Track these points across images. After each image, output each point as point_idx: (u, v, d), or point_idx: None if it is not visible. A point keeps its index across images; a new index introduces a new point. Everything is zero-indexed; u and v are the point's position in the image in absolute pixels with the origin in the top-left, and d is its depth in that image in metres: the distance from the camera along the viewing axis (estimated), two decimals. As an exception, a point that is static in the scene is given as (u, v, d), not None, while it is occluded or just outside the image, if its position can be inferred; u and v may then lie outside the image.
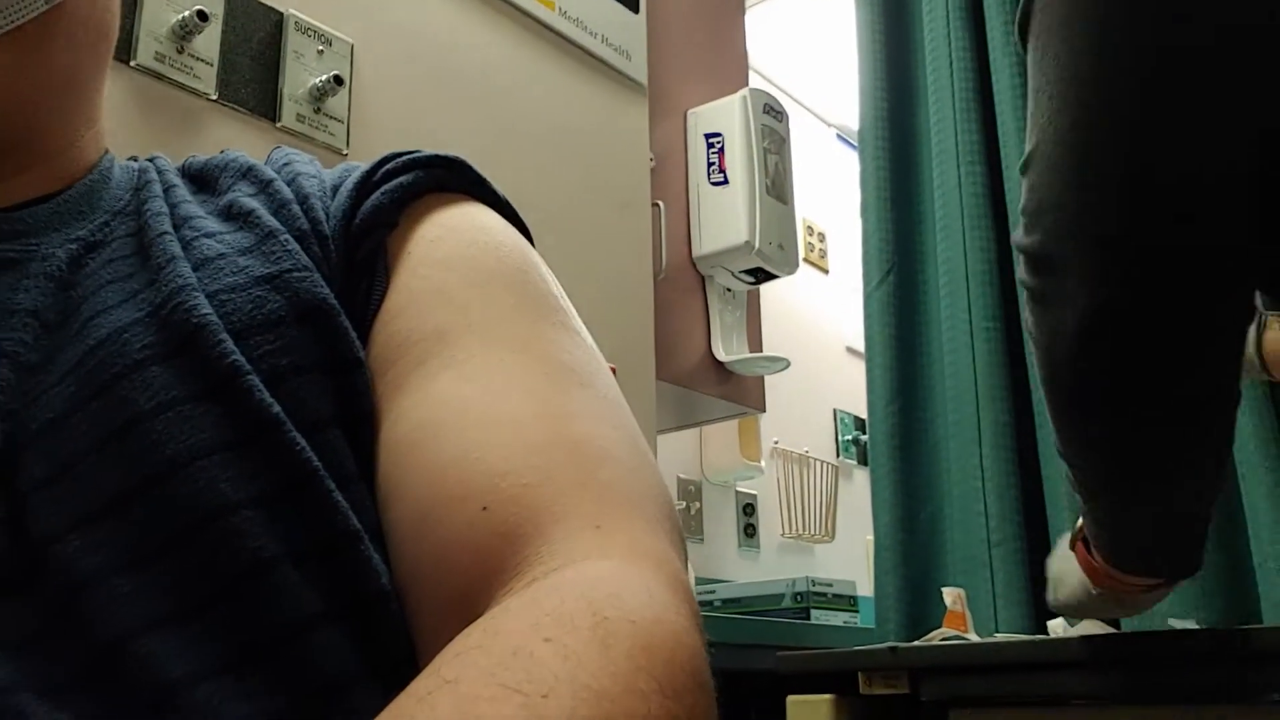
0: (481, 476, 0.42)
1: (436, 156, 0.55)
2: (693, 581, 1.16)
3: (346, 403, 0.46)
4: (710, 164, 2.08)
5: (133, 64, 1.11)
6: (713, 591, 2.07)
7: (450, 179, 0.55)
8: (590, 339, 0.53)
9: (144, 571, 0.38)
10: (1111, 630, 1.31)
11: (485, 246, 0.52)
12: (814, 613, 1.75)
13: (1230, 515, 1.46)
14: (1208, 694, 0.91)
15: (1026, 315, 0.72)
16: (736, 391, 2.16)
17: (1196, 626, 1.32)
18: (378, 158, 0.55)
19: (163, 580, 0.38)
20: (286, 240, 0.48)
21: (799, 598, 1.78)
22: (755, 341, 2.20)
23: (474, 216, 0.54)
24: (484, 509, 0.41)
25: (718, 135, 2.08)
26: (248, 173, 0.54)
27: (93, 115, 0.56)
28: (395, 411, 0.46)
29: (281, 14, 1.23)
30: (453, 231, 0.52)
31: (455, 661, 0.32)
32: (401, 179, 0.53)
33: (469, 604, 0.39)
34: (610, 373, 0.52)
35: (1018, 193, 1.71)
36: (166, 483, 0.39)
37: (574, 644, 0.32)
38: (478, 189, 0.56)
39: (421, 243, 0.51)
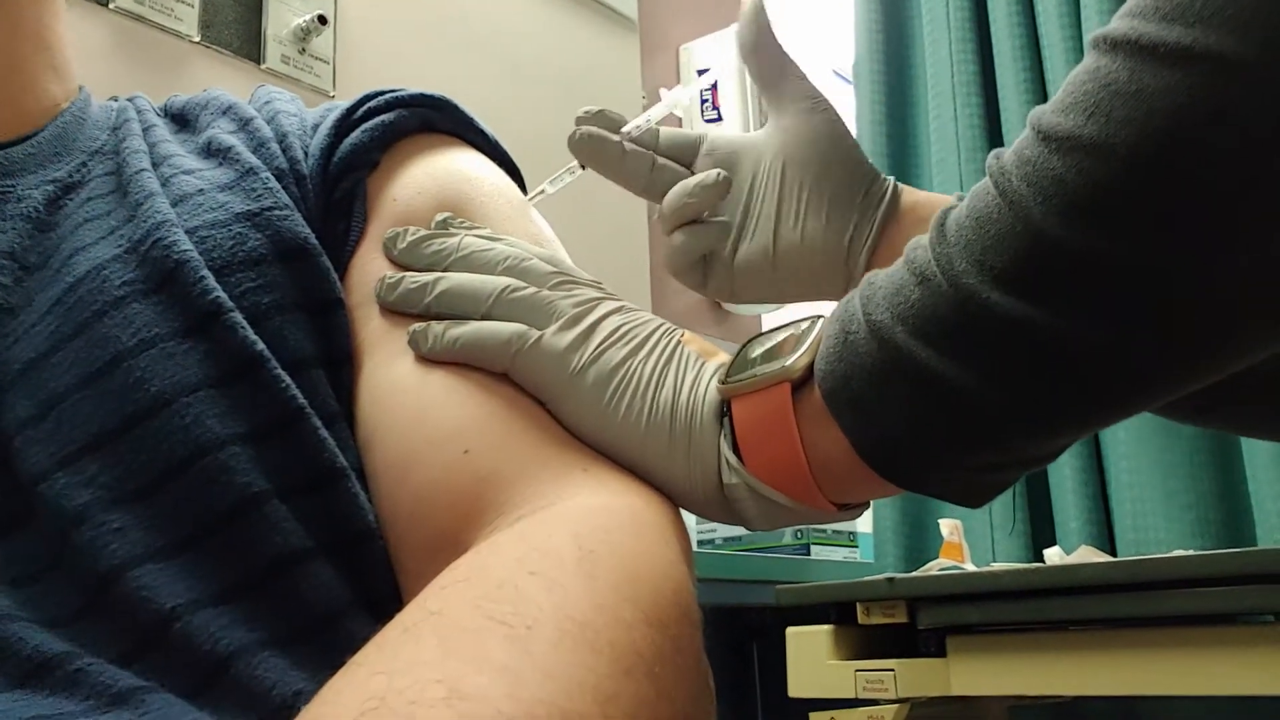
0: (464, 419, 0.42)
1: (422, 95, 0.53)
2: (693, 521, 1.16)
3: (327, 343, 0.45)
4: (704, 100, 2.06)
5: (112, 6, 1.09)
6: (714, 530, 2.08)
7: (437, 119, 0.53)
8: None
9: (134, 507, 0.38)
10: (1106, 557, 1.32)
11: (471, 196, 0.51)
12: (814, 549, 1.76)
13: (1226, 442, 1.47)
14: (1202, 617, 0.92)
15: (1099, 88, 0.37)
16: (734, 331, 2.16)
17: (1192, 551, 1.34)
18: (360, 95, 0.53)
19: (153, 515, 0.38)
20: (267, 178, 0.47)
21: (799, 534, 1.79)
22: (752, 280, 2.19)
23: (461, 162, 0.53)
24: (465, 452, 0.41)
25: (710, 71, 2.05)
26: (228, 110, 0.53)
27: (56, 51, 0.54)
28: (376, 356, 0.46)
29: (262, -48, 1.22)
30: (436, 179, 0.51)
31: (441, 594, 0.32)
32: (384, 117, 0.51)
33: (450, 544, 0.39)
34: None
35: (1015, 125, 1.71)
36: (152, 419, 0.39)
37: (559, 576, 0.32)
38: (467, 130, 0.54)
39: (405, 189, 0.50)
